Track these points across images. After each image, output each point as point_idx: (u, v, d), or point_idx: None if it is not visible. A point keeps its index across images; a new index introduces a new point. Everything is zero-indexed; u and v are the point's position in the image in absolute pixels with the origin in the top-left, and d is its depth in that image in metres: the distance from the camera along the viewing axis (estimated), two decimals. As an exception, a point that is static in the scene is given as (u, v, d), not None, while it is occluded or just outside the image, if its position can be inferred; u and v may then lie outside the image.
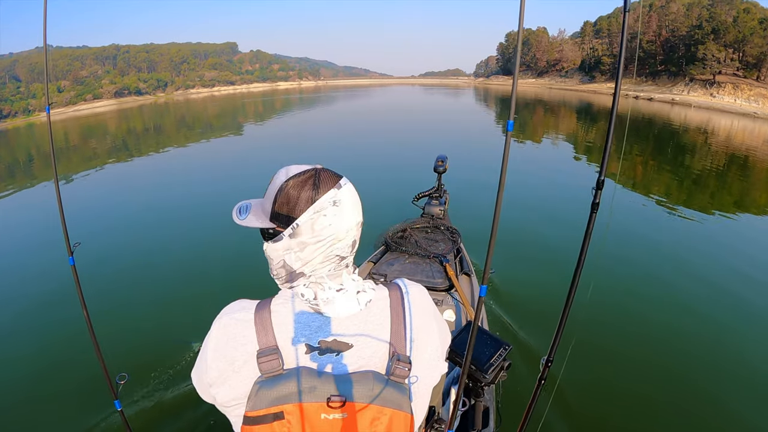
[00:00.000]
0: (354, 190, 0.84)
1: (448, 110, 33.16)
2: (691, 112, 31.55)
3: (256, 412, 0.73)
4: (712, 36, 44.62)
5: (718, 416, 2.89)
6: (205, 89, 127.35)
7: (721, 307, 4.30)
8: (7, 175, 15.06)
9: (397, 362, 0.79)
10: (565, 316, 1.20)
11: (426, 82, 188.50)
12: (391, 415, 0.76)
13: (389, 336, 0.82)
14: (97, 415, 2.85)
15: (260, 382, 0.75)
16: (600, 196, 1.05)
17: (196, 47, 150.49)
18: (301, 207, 0.79)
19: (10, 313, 4.46)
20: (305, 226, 0.80)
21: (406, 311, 0.85)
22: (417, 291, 0.90)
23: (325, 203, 0.79)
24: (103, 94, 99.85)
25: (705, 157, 13.39)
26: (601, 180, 1.04)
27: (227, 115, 37.72)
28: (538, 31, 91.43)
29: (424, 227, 3.37)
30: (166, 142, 20.50)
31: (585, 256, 1.11)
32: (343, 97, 53.31)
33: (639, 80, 55.82)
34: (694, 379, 3.23)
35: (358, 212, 0.84)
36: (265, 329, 0.78)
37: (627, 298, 4.32)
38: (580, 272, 1.13)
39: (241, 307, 0.83)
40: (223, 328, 0.81)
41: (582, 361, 3.01)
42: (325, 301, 0.81)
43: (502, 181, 0.88)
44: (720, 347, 3.64)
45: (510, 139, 0.87)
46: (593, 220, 1.08)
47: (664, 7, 54.55)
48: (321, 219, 0.79)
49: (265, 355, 0.75)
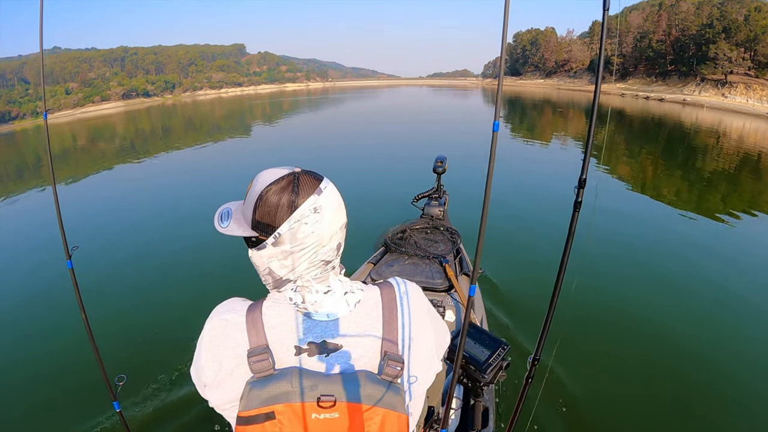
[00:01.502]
0: (335, 192, 0.83)
1: (454, 111, 33.12)
2: (703, 112, 31.15)
3: (248, 412, 0.74)
4: (723, 35, 44.09)
5: (704, 408, 2.96)
6: (212, 91, 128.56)
7: (705, 301, 4.38)
8: (16, 176, 15.27)
9: (389, 361, 0.79)
10: (551, 314, 1.20)
11: (434, 83, 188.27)
12: (384, 415, 0.76)
13: (381, 335, 0.81)
14: (96, 416, 2.87)
15: (252, 382, 0.75)
16: (582, 195, 1.05)
17: (204, 49, 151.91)
18: (281, 216, 0.78)
19: (8, 316, 4.49)
20: (287, 235, 0.79)
21: (398, 310, 0.84)
22: (411, 289, 0.89)
23: (306, 211, 0.78)
24: (111, 96, 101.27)
25: (717, 158, 13.24)
26: (582, 179, 1.04)
27: (234, 116, 38.05)
28: (546, 31, 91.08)
29: (424, 228, 3.36)
30: (170, 144, 20.68)
31: (569, 254, 1.11)
32: (351, 99, 53.39)
33: (649, 80, 55.45)
34: (678, 372, 3.30)
35: (341, 215, 0.83)
36: (257, 331, 0.78)
37: (611, 295, 4.41)
38: (564, 270, 1.13)
39: (232, 308, 0.83)
40: (213, 330, 0.81)
41: (569, 358, 3.15)
42: (313, 304, 0.82)
43: (488, 181, 0.88)
44: (703, 340, 3.71)
45: (496, 139, 0.87)
46: (576, 219, 1.08)
47: (674, 5, 54.09)
48: (302, 227, 0.78)
49: (255, 354, 0.76)
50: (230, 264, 5.14)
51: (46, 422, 2.97)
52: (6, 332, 4.20)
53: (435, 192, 3.78)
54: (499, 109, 0.87)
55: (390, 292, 0.86)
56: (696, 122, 24.60)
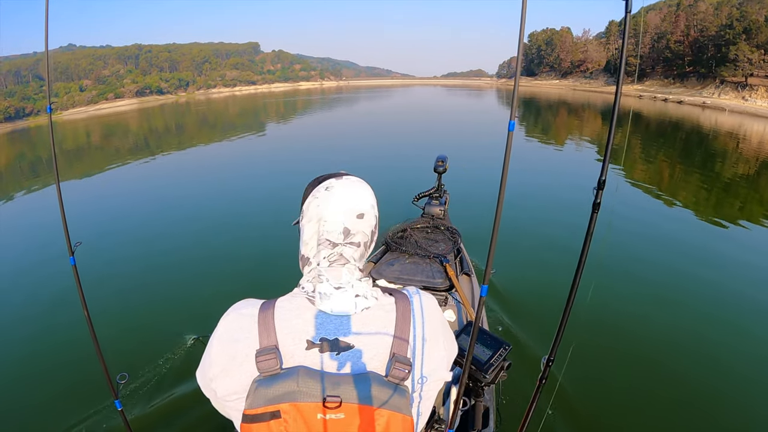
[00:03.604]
0: (359, 185, 0.91)
1: (467, 111, 32.98)
2: (724, 116, 30.47)
3: (254, 410, 0.74)
4: (743, 36, 43.18)
5: (720, 417, 2.88)
6: (226, 89, 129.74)
7: (725, 308, 4.26)
8: (30, 171, 15.49)
9: (397, 363, 0.79)
10: (566, 315, 1.19)
11: (448, 82, 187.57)
12: (389, 417, 0.76)
13: (392, 339, 0.81)
14: (97, 414, 2.88)
15: (258, 380, 0.76)
16: (601, 196, 1.05)
17: (218, 47, 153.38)
18: (306, 196, 0.92)
19: (10, 313, 4.51)
20: (305, 211, 0.91)
21: (412, 318, 0.85)
22: (426, 300, 0.90)
23: (320, 189, 0.90)
24: (125, 93, 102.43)
25: (737, 163, 12.95)
26: (602, 180, 1.04)
27: (248, 114, 38.31)
28: (562, 31, 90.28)
29: (425, 227, 3.35)
30: (183, 141, 20.90)
31: (586, 256, 1.11)
32: (364, 98, 53.39)
33: (667, 82, 54.59)
34: (695, 380, 3.22)
35: (353, 202, 0.89)
36: (267, 326, 0.79)
37: (629, 299, 4.31)
38: (581, 272, 1.12)
39: (248, 303, 0.85)
40: (228, 323, 0.83)
41: (583, 361, 3.05)
42: (321, 296, 0.82)
43: (503, 181, 0.89)
44: (723, 349, 3.60)
45: (512, 139, 0.87)
46: (594, 220, 1.08)
47: (692, 5, 53.15)
48: (313, 201, 0.89)
49: (263, 354, 0.76)
50: (236, 262, 5.18)
51: (48, 420, 2.98)
52: (8, 329, 4.21)
53: (436, 191, 3.77)
54: (515, 109, 0.87)
55: (405, 301, 0.87)
56: (715, 125, 24.12)
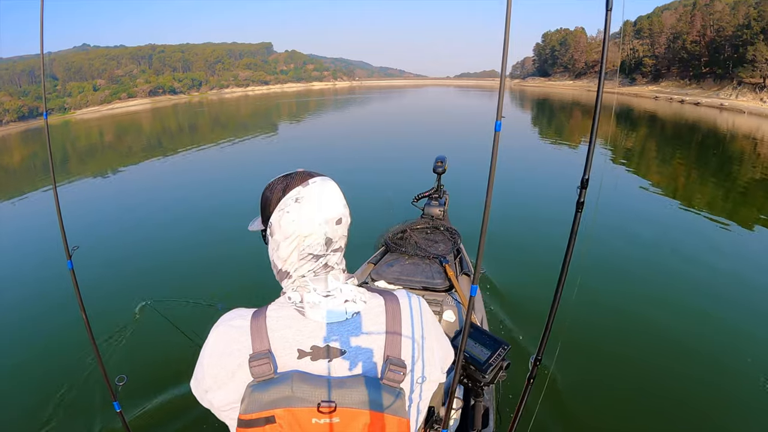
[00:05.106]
0: (327, 188, 0.85)
1: (478, 112, 32.79)
2: (743, 118, 29.77)
3: (248, 415, 0.74)
4: (761, 36, 42.34)
5: (707, 412, 2.89)
6: (239, 89, 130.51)
7: (710, 303, 4.29)
8: (43, 172, 15.66)
9: (391, 366, 0.79)
10: (553, 314, 1.19)
11: (461, 83, 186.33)
12: (385, 419, 0.76)
13: (384, 342, 0.81)
14: (96, 416, 2.91)
15: (253, 385, 0.76)
16: (585, 195, 1.04)
17: (231, 47, 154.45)
18: (271, 207, 0.86)
19: (8, 317, 4.54)
20: (275, 225, 0.85)
21: (403, 320, 0.85)
22: (416, 302, 0.90)
23: (289, 200, 0.83)
24: (138, 93, 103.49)
25: (756, 167, 12.69)
26: (585, 179, 1.03)
27: (260, 114, 38.47)
28: (576, 31, 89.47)
29: (424, 228, 3.35)
30: (195, 141, 20.91)
31: (571, 254, 1.10)
32: (377, 99, 53.24)
33: (683, 83, 53.83)
34: (680, 375, 3.24)
35: (329, 209, 0.84)
36: (260, 335, 0.79)
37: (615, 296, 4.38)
38: (566, 271, 1.12)
39: (238, 314, 0.84)
40: (218, 335, 0.83)
41: (571, 359, 3.12)
42: (311, 305, 0.82)
43: (490, 183, 0.87)
44: (709, 343, 3.65)
45: (498, 139, 0.86)
46: (578, 220, 1.07)
47: (708, 5, 52.28)
48: (285, 216, 0.83)
49: (256, 359, 0.76)
50: (233, 266, 5.23)
51: (47, 422, 2.98)
52: (6, 332, 4.25)
53: (435, 192, 3.77)
54: (500, 109, 0.87)
55: (395, 303, 0.86)
56: (733, 128, 23.66)
